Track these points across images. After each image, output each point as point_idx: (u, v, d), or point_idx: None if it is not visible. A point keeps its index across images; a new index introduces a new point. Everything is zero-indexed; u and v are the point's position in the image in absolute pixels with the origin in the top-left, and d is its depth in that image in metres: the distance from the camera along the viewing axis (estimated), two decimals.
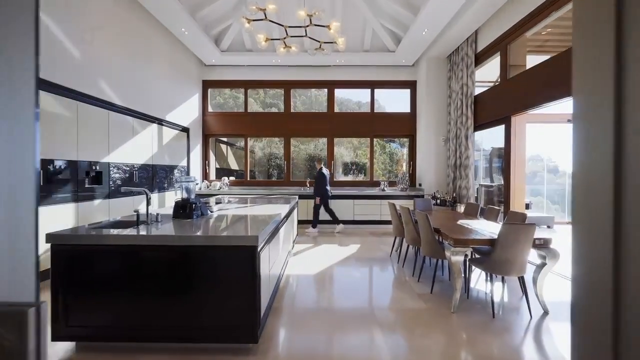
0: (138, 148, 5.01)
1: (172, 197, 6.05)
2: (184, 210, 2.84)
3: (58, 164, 3.48)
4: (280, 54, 4.50)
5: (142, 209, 2.62)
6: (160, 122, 5.66)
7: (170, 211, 3.07)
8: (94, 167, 4.04)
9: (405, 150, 9.16)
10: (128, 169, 4.76)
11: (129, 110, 4.78)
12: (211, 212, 3.21)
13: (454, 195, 6.16)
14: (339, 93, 7.79)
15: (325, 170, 6.15)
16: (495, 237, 2.78)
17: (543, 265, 2.82)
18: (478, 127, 5.88)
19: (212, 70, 7.49)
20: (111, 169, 4.39)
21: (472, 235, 2.90)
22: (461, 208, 5.85)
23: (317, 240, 5.74)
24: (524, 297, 2.86)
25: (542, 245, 2.78)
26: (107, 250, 2.11)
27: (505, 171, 4.99)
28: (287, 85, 7.61)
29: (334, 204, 6.96)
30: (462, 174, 6.02)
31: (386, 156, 9.84)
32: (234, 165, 9.96)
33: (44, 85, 3.31)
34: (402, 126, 7.63)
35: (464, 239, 2.78)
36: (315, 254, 4.83)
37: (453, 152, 6.37)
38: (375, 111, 7.69)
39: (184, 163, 6.66)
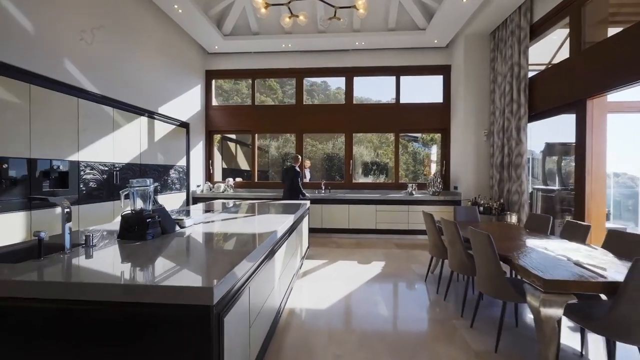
0: (121, 144, 4.24)
1: (164, 203, 5.27)
2: (137, 227, 1.98)
3: None
4: (286, 25, 3.58)
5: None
6: (151, 114, 4.89)
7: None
8: (56, 167, 3.29)
9: (434, 150, 8.03)
10: (107, 169, 4.00)
11: (108, 99, 4.01)
12: (181, 227, 2.32)
13: (501, 201, 5.00)
14: (356, 90, 6.72)
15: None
16: (618, 279, 1.71)
17: None
18: (532, 116, 4.72)
19: (216, 58, 6.69)
20: (82, 169, 3.63)
21: (572, 274, 1.84)
22: (512, 217, 4.70)
23: (332, 255, 4.76)
24: None
25: None
26: None
27: (578, 172, 3.81)
28: (300, 74, 6.68)
29: (353, 209, 5.97)
30: (513, 175, 4.85)
31: (408, 156, 8.76)
32: (244, 165, 9.19)
33: None
34: (433, 119, 6.50)
35: (564, 281, 1.73)
36: (329, 274, 3.86)
37: (499, 149, 5.20)
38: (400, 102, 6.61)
39: (182, 162, 5.89)
